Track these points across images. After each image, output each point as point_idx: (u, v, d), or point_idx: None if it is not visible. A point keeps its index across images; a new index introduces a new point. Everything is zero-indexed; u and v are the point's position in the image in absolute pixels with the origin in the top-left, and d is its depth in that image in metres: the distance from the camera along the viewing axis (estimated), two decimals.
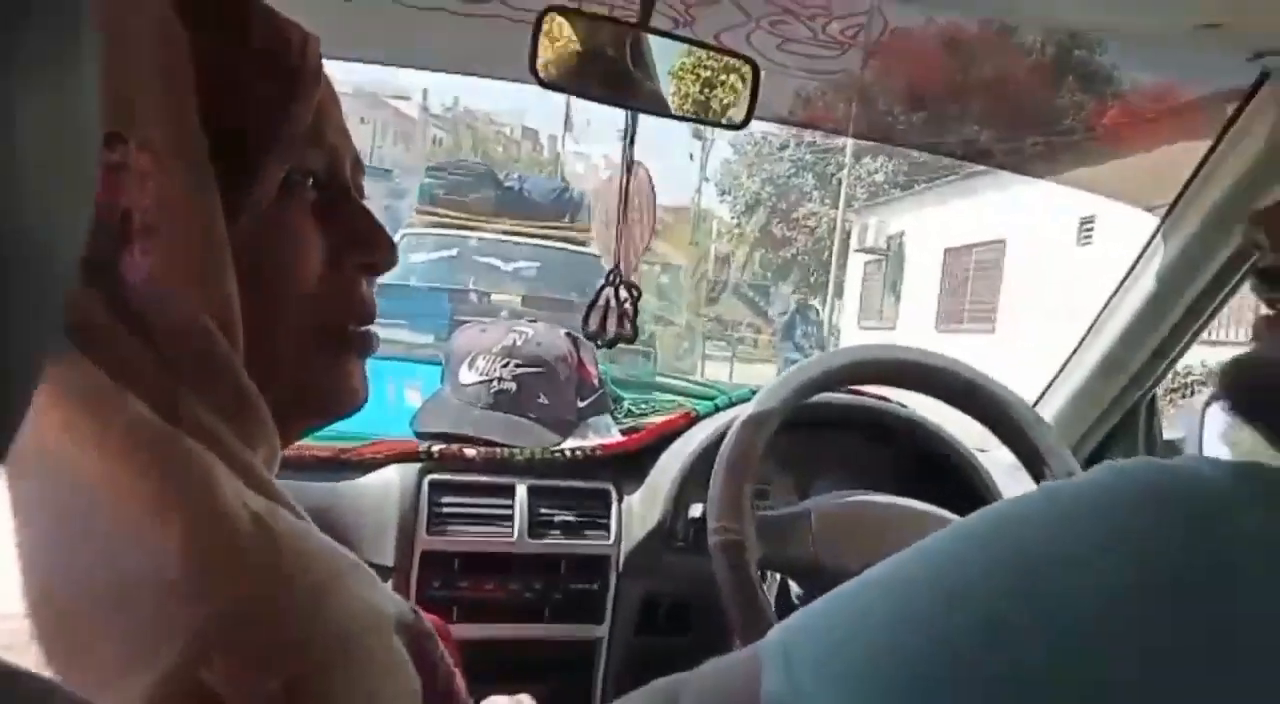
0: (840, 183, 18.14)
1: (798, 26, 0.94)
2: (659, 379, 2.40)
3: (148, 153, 0.41)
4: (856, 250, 16.85)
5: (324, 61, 0.48)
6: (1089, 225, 10.02)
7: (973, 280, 12.65)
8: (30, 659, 0.33)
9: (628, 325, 0.84)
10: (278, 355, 0.47)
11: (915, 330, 13.15)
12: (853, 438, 1.31)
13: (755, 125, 1.55)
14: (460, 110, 30.48)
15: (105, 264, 0.39)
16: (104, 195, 0.39)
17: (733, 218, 21.86)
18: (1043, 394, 1.45)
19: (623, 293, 0.83)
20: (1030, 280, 10.51)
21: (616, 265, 0.86)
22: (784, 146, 20.62)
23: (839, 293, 17.29)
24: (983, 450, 1.31)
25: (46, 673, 0.33)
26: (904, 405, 1.31)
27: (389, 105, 27.02)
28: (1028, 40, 1.47)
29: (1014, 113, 1.69)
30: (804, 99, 1.52)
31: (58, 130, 0.19)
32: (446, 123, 30.12)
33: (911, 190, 14.46)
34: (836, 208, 18.23)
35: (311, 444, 1.16)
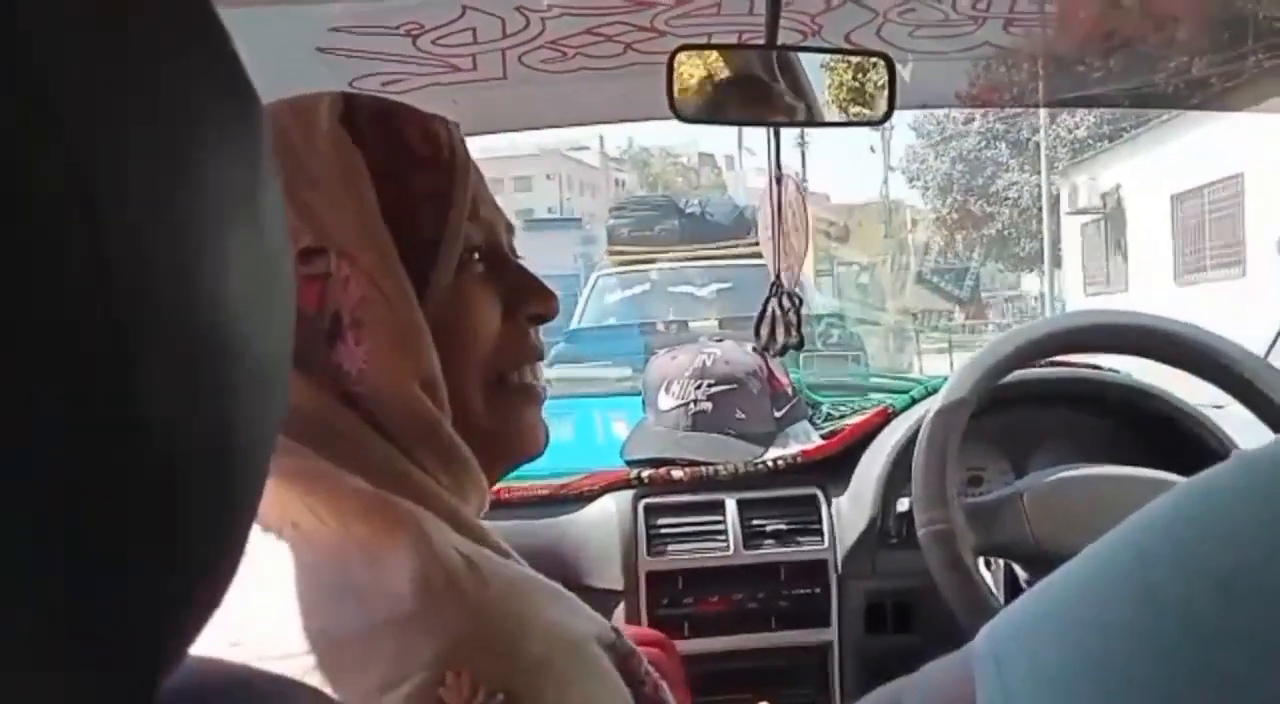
0: (1038, 146, 16.98)
1: (926, 11, 0.93)
2: (874, 380, 2.36)
3: (345, 260, 0.49)
4: (1069, 214, 15.62)
5: (495, 136, 0.56)
6: None
7: (1210, 223, 11.42)
8: (315, 685, 0.41)
9: (795, 333, 0.86)
10: (469, 409, 0.54)
11: (1150, 288, 12.03)
12: (1065, 410, 1.25)
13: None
14: (636, 150, 31.41)
15: (324, 358, 0.49)
16: (314, 302, 0.49)
17: (926, 203, 20.96)
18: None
19: (786, 302, 0.85)
20: None
21: (778, 277, 0.88)
22: (969, 120, 19.60)
23: (1056, 262, 16.11)
24: (1219, 406, 1.21)
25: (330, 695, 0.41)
26: (1115, 371, 1.24)
27: (571, 158, 28.28)
28: None
29: (1229, 28, 1.52)
30: (975, 75, 1.47)
31: (255, 248, 0.22)
32: (625, 164, 31.13)
33: (1120, 140, 13.29)
34: (1038, 173, 17.06)
35: (535, 483, 1.26)
